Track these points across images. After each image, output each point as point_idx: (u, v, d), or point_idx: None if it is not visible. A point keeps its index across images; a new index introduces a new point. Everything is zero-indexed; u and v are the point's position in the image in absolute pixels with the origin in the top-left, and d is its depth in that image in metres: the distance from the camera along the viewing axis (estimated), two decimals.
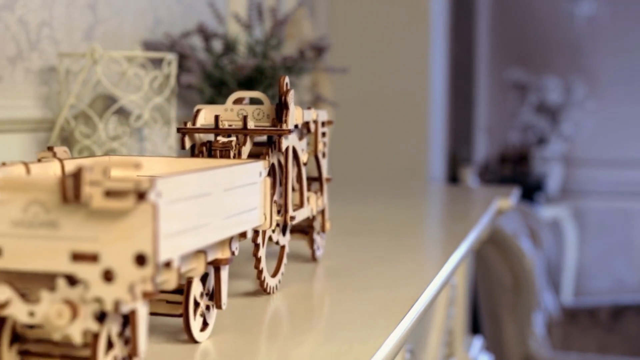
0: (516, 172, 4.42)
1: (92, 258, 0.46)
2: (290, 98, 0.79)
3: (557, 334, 3.11)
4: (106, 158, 0.67)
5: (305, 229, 0.94)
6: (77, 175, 0.45)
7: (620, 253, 4.52)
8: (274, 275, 0.80)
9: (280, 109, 0.79)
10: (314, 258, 0.94)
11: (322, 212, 0.94)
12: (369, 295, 0.77)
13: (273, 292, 0.79)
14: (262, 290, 0.78)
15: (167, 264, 0.50)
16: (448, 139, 3.53)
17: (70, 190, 0.45)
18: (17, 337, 0.50)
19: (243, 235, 0.66)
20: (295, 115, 0.83)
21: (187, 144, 0.77)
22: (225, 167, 0.58)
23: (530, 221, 2.90)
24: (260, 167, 0.66)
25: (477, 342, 1.80)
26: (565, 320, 3.19)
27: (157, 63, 1.23)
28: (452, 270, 0.92)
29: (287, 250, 0.83)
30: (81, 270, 0.46)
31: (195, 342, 0.61)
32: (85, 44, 1.27)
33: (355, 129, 2.38)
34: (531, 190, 3.95)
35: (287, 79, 0.79)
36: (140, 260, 0.46)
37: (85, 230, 0.46)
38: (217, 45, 1.46)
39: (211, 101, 1.40)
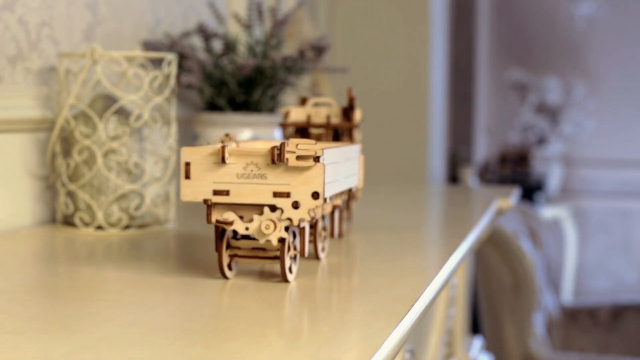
0: (516, 172, 4.42)
1: (286, 195, 0.77)
2: (356, 102, 1.09)
3: (557, 334, 3.11)
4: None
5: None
6: (281, 147, 0.76)
7: (620, 253, 4.52)
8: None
9: (349, 110, 1.10)
10: (348, 218, 1.18)
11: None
12: (369, 295, 0.77)
13: (344, 236, 1.08)
14: (338, 235, 1.05)
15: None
16: (448, 139, 3.53)
17: (277, 156, 0.76)
18: (227, 246, 0.82)
19: (349, 190, 1.02)
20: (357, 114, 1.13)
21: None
22: (343, 146, 0.89)
23: (530, 221, 2.89)
24: (358, 148, 0.97)
25: (477, 342, 1.80)
26: (565, 320, 3.19)
27: (157, 63, 1.23)
28: (452, 270, 0.93)
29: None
30: (279, 202, 0.78)
31: (318, 259, 0.92)
32: (85, 44, 1.27)
33: None
34: (531, 190, 3.95)
35: (352, 90, 1.10)
36: (315, 195, 0.77)
37: (282, 179, 0.77)
38: (217, 45, 1.46)
39: (211, 101, 1.40)
